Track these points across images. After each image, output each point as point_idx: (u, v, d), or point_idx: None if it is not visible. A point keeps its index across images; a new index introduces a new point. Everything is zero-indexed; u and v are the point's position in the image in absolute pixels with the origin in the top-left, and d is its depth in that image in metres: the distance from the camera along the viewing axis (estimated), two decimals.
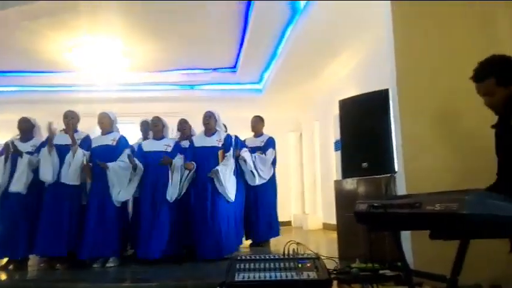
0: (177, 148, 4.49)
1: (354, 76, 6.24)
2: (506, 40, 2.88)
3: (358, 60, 6.06)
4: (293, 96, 8.34)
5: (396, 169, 3.06)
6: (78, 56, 6.66)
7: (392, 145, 3.02)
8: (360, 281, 2.54)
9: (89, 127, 5.12)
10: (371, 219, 1.86)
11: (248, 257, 2.79)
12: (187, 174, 4.29)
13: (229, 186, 4.29)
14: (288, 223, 9.03)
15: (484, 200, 1.20)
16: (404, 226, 1.79)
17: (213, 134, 4.53)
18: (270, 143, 5.43)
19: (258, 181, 5.14)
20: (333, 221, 4.09)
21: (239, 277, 2.49)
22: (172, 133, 5.01)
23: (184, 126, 5.06)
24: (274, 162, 5.45)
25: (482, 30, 2.96)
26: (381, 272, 2.75)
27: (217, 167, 4.27)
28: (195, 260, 4.13)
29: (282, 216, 7.94)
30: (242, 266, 2.64)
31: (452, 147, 2.92)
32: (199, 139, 4.57)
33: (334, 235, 4.10)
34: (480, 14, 2.98)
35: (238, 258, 2.79)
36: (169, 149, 4.42)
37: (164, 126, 4.59)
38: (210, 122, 4.53)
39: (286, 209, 8.77)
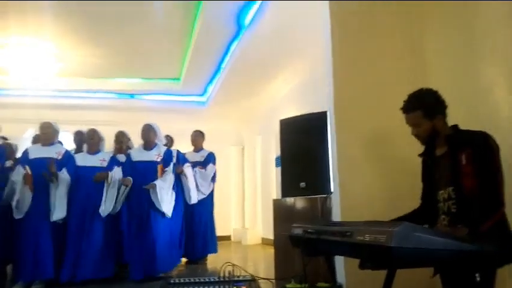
0: (113, 162, 4.28)
1: (295, 94, 6.40)
2: (433, 64, 3.10)
3: (301, 79, 6.21)
4: (236, 111, 8.36)
5: (332, 189, 3.13)
6: (5, 57, 6.17)
7: (329, 166, 3.09)
8: None
9: (16, 133, 4.76)
10: (305, 244, 1.87)
11: (181, 280, 2.69)
12: (124, 190, 4.10)
13: (166, 202, 4.16)
14: (228, 238, 8.95)
15: (410, 233, 1.25)
16: (336, 252, 1.81)
17: (152, 148, 4.38)
18: (211, 158, 5.38)
19: (196, 198, 5.06)
20: (272, 236, 4.10)
21: None
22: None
23: (121, 139, 4.85)
24: (213, 178, 5.39)
25: (412, 58, 3.16)
26: None
27: (156, 181, 4.11)
28: (129, 281, 3.93)
29: (221, 231, 7.86)
30: None
31: (385, 170, 3.05)
32: (138, 153, 4.40)
33: (272, 250, 4.10)
34: (409, 41, 3.18)
35: (171, 282, 2.68)
36: (104, 164, 4.20)
37: (100, 139, 4.36)
38: (149, 135, 4.37)
39: (226, 223, 8.70)
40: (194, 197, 4.99)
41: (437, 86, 2.08)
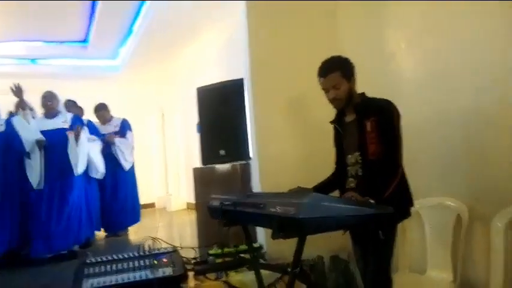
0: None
1: (216, 59, 6.25)
2: (344, 31, 3.19)
3: (221, 43, 6.06)
4: (154, 76, 7.98)
5: (251, 156, 3.18)
6: None
7: (247, 133, 3.11)
8: (215, 270, 2.59)
9: None
10: (222, 215, 1.88)
11: (98, 260, 2.58)
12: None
13: (81, 162, 3.94)
14: (152, 205, 8.82)
15: (317, 203, 1.30)
16: (251, 223, 1.86)
17: (56, 115, 4.10)
18: (126, 125, 5.13)
19: (127, 166, 4.94)
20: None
21: (87, 284, 2.29)
22: None
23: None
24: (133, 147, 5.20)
25: (325, 25, 3.23)
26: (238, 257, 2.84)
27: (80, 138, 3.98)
28: (41, 259, 3.69)
29: (145, 199, 7.70)
30: (91, 270, 2.43)
31: (301, 136, 3.16)
32: (41, 123, 4.08)
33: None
34: (323, 9, 3.23)
35: (87, 261, 2.57)
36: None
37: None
38: (53, 102, 4.11)
39: (149, 191, 8.52)
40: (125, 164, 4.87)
41: (348, 53, 2.14)
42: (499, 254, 2.12)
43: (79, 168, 3.93)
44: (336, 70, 2.01)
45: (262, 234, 3.14)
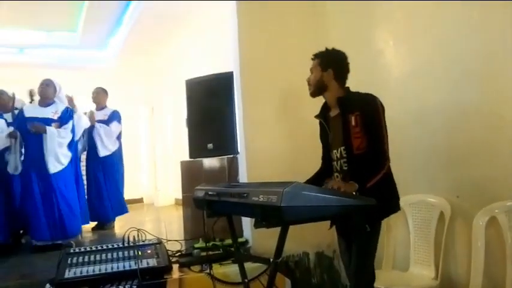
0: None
1: (205, 52, 6.21)
2: (334, 27, 3.22)
3: (210, 37, 6.03)
4: (144, 69, 7.91)
5: (239, 150, 3.18)
6: None
7: (235, 127, 3.11)
8: (199, 262, 2.59)
9: None
10: (207, 205, 1.88)
11: (82, 249, 2.57)
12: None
13: (59, 156, 3.88)
14: (140, 200, 8.75)
15: (299, 192, 1.31)
16: (235, 213, 1.86)
17: (49, 105, 4.03)
18: (115, 116, 5.09)
19: (102, 153, 4.90)
20: None
21: (70, 273, 2.28)
22: None
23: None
24: (119, 137, 5.14)
25: (314, 20, 3.24)
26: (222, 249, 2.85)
27: (48, 127, 3.85)
28: (26, 249, 3.66)
29: (133, 193, 7.65)
30: (74, 260, 2.42)
31: (289, 130, 3.18)
32: (31, 109, 4.03)
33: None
34: (312, 4, 3.25)
35: (71, 251, 2.56)
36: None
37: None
38: (47, 90, 4.02)
39: (137, 185, 8.45)
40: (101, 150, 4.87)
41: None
42: (480, 252, 2.15)
43: (49, 166, 3.83)
44: (317, 58, 2.09)
45: (248, 229, 3.14)
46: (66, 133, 3.98)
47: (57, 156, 3.84)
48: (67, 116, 4.06)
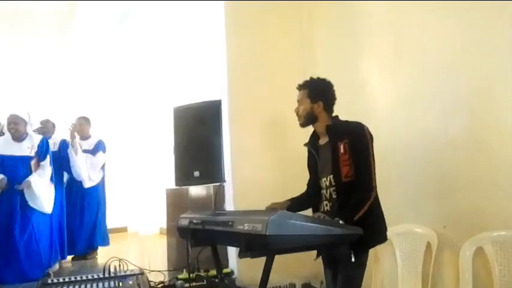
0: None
1: (192, 79, 6.25)
2: (321, 57, 3.28)
3: (197, 63, 6.09)
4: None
5: (226, 178, 3.15)
6: None
7: (222, 155, 3.08)
8: None
9: None
10: (191, 234, 1.84)
11: (60, 280, 2.46)
12: None
13: (45, 198, 3.76)
14: (124, 229, 8.53)
15: (284, 220, 1.28)
16: (220, 242, 1.82)
17: (23, 139, 3.88)
18: (100, 146, 5.03)
19: (87, 184, 4.76)
20: None
21: None
22: None
23: None
24: (103, 167, 5.07)
25: (302, 50, 3.31)
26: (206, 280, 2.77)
27: (30, 178, 3.71)
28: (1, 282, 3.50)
29: (116, 222, 7.45)
30: None
31: (276, 158, 3.18)
32: (5, 146, 3.84)
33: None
34: (300, 35, 3.33)
35: (48, 282, 2.44)
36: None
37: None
38: (17, 128, 3.81)
39: (121, 214, 8.26)
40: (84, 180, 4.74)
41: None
42: (468, 283, 2.14)
43: (39, 206, 3.76)
44: (305, 88, 2.10)
45: (233, 259, 3.07)
46: (46, 171, 3.90)
47: (41, 199, 3.77)
48: (44, 150, 3.96)
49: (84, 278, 2.49)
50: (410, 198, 2.62)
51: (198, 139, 3.20)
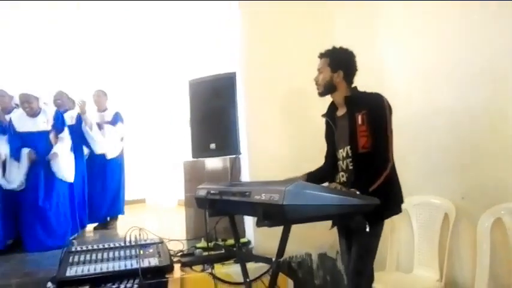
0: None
1: (207, 51, 6.21)
2: (340, 30, 3.20)
3: (211, 36, 6.02)
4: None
5: (242, 150, 3.16)
6: None
7: (238, 127, 3.09)
8: (201, 262, 2.58)
9: None
10: (209, 204, 1.87)
11: (83, 248, 2.57)
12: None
13: (67, 168, 3.88)
14: (142, 201, 8.76)
15: (301, 190, 1.29)
16: (237, 212, 1.85)
17: (37, 114, 3.96)
18: (119, 117, 5.11)
19: (110, 155, 4.91)
20: None
21: (71, 271, 2.27)
22: None
23: None
24: (122, 138, 5.17)
25: (320, 20, 3.22)
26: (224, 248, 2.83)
27: (55, 149, 3.84)
28: (24, 250, 3.65)
29: (135, 194, 7.64)
30: (76, 258, 2.42)
31: (293, 130, 3.15)
32: (21, 122, 3.92)
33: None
34: (318, 4, 3.23)
35: (72, 250, 2.55)
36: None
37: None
38: (31, 107, 3.88)
39: (140, 186, 8.45)
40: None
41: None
42: (485, 254, 2.14)
43: (64, 176, 3.91)
44: (326, 56, 2.07)
45: (250, 230, 3.13)
46: (65, 142, 4.00)
47: (64, 169, 3.91)
48: (60, 122, 4.05)
49: (106, 246, 2.58)
50: (428, 169, 2.60)
51: (214, 112, 3.20)
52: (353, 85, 2.09)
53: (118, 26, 6.15)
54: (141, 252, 2.48)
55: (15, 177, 3.76)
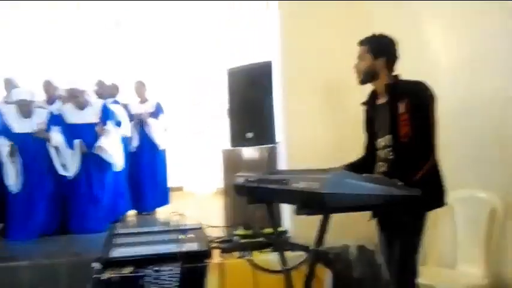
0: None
1: (245, 40, 6.21)
2: (381, 18, 3.10)
3: (248, 26, 6.01)
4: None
5: (279, 139, 3.17)
6: None
7: (273, 116, 3.09)
8: (239, 249, 2.62)
9: None
10: (247, 192, 1.89)
11: (127, 231, 2.68)
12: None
13: (115, 157, 4.10)
14: (180, 188, 8.94)
15: (342, 179, 1.28)
16: (276, 199, 1.86)
17: (85, 107, 4.18)
18: (161, 108, 5.26)
19: (162, 146, 5.15)
20: None
21: (116, 253, 2.38)
22: None
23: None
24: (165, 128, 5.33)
25: (359, 8, 3.14)
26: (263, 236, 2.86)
27: (99, 143, 4.04)
28: (70, 232, 3.88)
29: (173, 182, 7.82)
30: (120, 240, 2.53)
31: (331, 120, 3.12)
32: (71, 115, 4.16)
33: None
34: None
35: (117, 232, 2.67)
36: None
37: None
38: (80, 102, 4.13)
39: (179, 174, 8.64)
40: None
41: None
42: None
43: (115, 164, 4.13)
44: (366, 44, 2.00)
45: (287, 219, 3.14)
46: (111, 134, 4.18)
47: (112, 158, 4.14)
48: (106, 114, 4.24)
49: (148, 230, 2.69)
50: (474, 161, 2.49)
51: (251, 100, 3.23)
52: (394, 73, 2.03)
53: (156, 16, 6.27)
54: (181, 237, 2.55)
55: (70, 165, 3.98)
